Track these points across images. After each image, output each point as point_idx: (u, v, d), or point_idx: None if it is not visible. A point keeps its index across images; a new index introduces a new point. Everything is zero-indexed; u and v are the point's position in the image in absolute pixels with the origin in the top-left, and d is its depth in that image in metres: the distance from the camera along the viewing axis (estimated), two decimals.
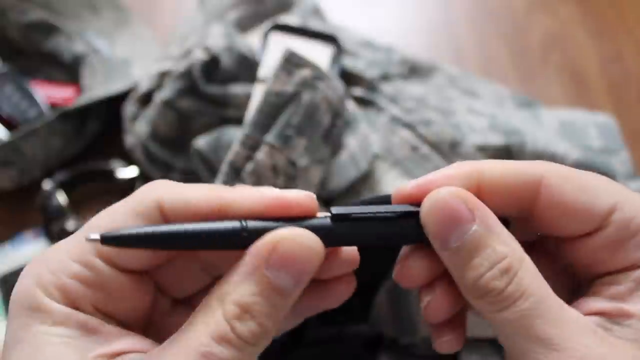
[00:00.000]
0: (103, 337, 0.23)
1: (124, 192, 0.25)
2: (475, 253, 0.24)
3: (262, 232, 0.23)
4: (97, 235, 0.22)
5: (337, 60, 0.59)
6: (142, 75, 0.61)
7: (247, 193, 0.24)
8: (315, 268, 0.24)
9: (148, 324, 0.26)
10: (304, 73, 0.48)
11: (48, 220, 0.58)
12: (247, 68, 0.58)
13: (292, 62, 0.48)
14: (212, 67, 0.57)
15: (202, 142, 0.53)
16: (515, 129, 0.56)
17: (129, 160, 0.61)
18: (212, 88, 0.56)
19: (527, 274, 0.23)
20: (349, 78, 0.59)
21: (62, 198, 0.59)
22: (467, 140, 0.55)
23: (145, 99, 0.59)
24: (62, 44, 0.67)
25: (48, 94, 0.66)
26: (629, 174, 0.59)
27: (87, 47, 0.66)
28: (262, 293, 0.23)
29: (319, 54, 0.58)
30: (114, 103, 0.61)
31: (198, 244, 0.24)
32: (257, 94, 0.55)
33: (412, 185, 0.25)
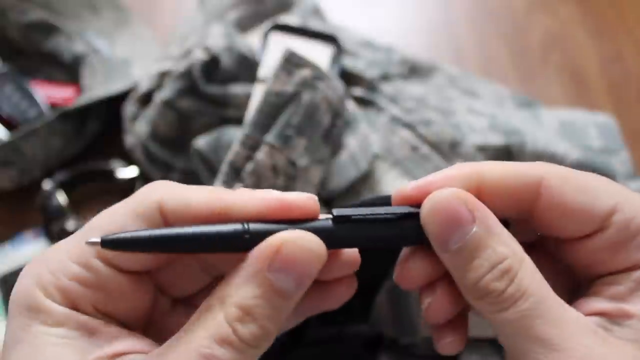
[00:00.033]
0: (103, 337, 0.23)
1: (124, 192, 0.25)
2: (476, 254, 0.24)
3: (263, 234, 0.23)
4: (96, 239, 0.22)
5: (337, 60, 0.59)
6: (142, 75, 0.61)
7: (248, 196, 0.24)
8: (318, 271, 0.24)
9: (148, 324, 0.26)
10: (304, 73, 0.48)
11: (48, 220, 0.58)
12: (247, 68, 0.58)
13: (292, 62, 0.48)
14: (212, 67, 0.57)
15: (202, 142, 0.53)
16: (515, 129, 0.56)
17: (129, 160, 0.61)
18: (212, 88, 0.56)
19: (527, 275, 0.23)
20: (349, 78, 0.59)
21: (62, 198, 0.59)
22: (467, 140, 0.55)
23: (145, 99, 0.58)
24: (62, 44, 0.67)
25: (48, 94, 0.66)
26: (629, 174, 0.59)
27: (87, 47, 0.66)
28: (263, 295, 0.23)
29: (319, 54, 0.58)
30: (114, 103, 0.61)
31: (199, 247, 0.23)
32: (257, 94, 0.55)
33: (412, 187, 0.25)
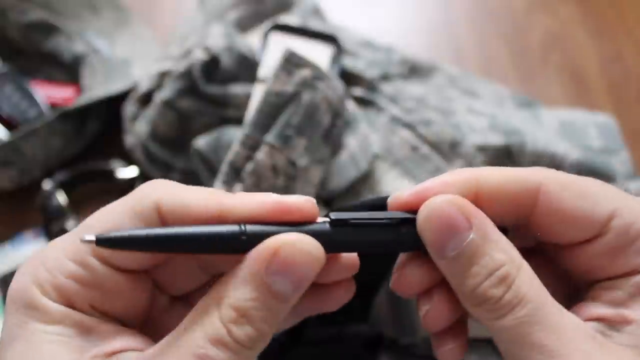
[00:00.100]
0: (99, 336, 0.23)
1: (124, 192, 0.25)
2: (473, 261, 0.23)
3: (261, 236, 0.23)
4: (92, 237, 0.22)
5: (337, 60, 0.59)
6: (142, 75, 0.61)
7: (247, 198, 0.24)
8: (316, 274, 0.23)
9: (146, 321, 0.26)
10: (304, 73, 0.48)
11: (48, 220, 0.58)
12: (247, 68, 0.58)
13: (292, 62, 0.48)
14: (212, 67, 0.57)
15: (202, 142, 0.53)
16: (515, 129, 0.56)
17: (129, 160, 0.61)
18: (212, 88, 0.56)
19: (525, 281, 0.23)
20: (349, 78, 0.59)
21: (62, 198, 0.59)
22: (467, 140, 0.54)
23: (145, 99, 0.58)
24: (62, 44, 0.67)
25: (48, 94, 0.66)
26: (629, 174, 0.58)
27: (87, 47, 0.66)
28: (259, 298, 0.22)
29: (319, 54, 0.58)
30: (114, 103, 0.61)
31: (195, 248, 0.23)
32: (257, 94, 0.55)
33: (408, 193, 0.25)
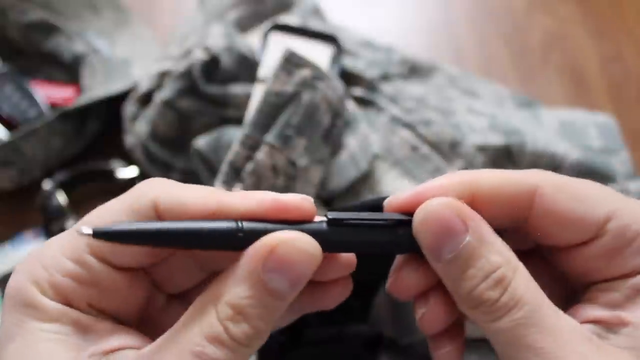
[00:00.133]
0: (96, 334, 0.23)
1: (124, 192, 0.25)
2: (469, 264, 0.23)
3: (257, 233, 0.23)
4: (89, 230, 0.22)
5: (337, 60, 0.59)
6: (142, 75, 0.61)
7: (244, 197, 0.24)
8: (312, 272, 0.23)
9: (143, 319, 0.26)
10: (304, 73, 0.48)
11: (48, 220, 0.58)
12: (247, 68, 0.58)
13: (292, 62, 0.48)
14: (212, 67, 0.57)
15: (202, 142, 0.53)
16: (515, 129, 0.56)
17: (129, 160, 0.61)
18: (212, 88, 0.56)
19: (521, 283, 0.23)
20: (349, 78, 0.59)
21: (62, 198, 0.59)
22: (467, 140, 0.54)
23: (145, 99, 0.59)
24: (62, 44, 0.67)
25: (48, 94, 0.66)
26: (629, 174, 0.59)
27: (87, 47, 0.66)
28: (256, 296, 0.22)
29: (319, 54, 0.58)
30: (114, 103, 0.61)
31: (192, 243, 0.23)
32: (257, 94, 0.55)
33: (405, 196, 0.25)
